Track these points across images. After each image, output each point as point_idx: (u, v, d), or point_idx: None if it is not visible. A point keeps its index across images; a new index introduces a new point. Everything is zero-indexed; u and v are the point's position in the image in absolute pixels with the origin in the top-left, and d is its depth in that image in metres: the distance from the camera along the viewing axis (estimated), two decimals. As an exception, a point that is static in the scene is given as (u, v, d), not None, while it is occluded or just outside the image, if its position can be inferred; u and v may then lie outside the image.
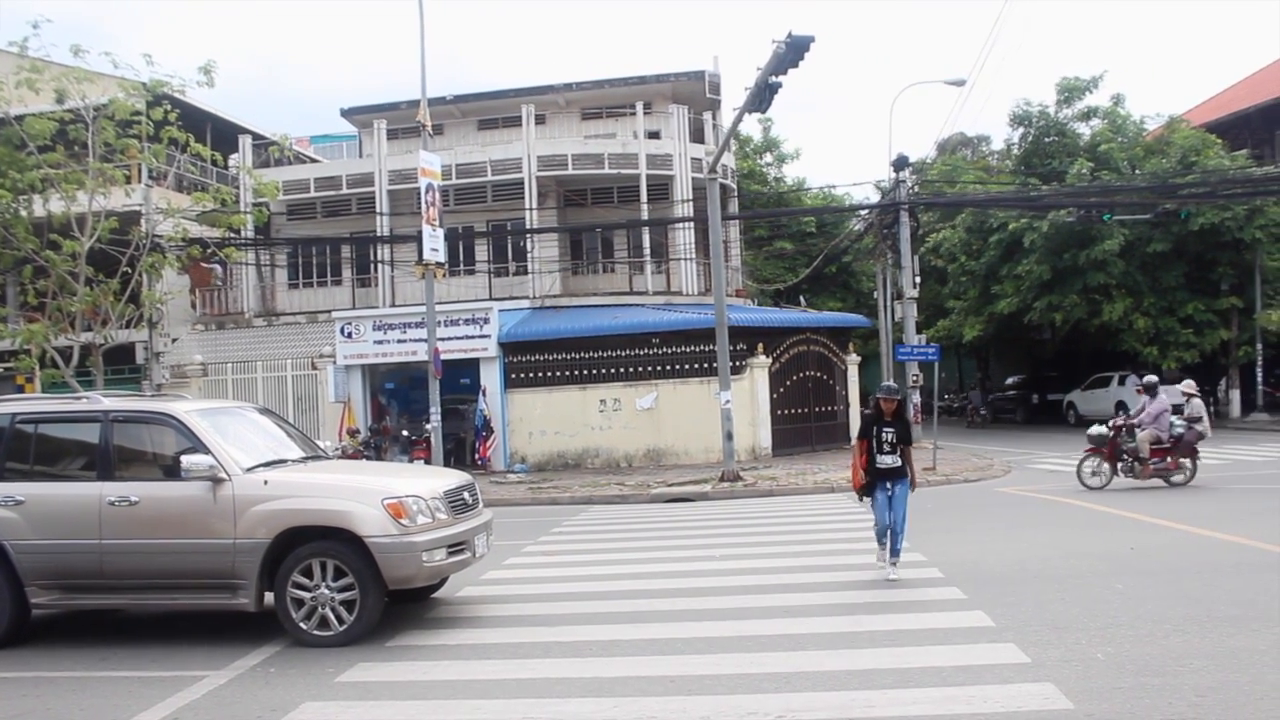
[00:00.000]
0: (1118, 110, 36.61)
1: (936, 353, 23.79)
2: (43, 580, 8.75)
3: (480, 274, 31.13)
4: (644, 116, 31.65)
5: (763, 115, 43.02)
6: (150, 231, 22.19)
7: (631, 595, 9.92)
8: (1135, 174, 33.77)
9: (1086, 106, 37.05)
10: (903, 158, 30.42)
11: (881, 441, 10.26)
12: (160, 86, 20.76)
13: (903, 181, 30.37)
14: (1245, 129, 38.72)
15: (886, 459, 10.27)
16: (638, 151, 30.22)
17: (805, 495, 19.14)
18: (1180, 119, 36.36)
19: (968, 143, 47.39)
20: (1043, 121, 37.15)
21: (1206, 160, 32.61)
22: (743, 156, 44.36)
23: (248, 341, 30.19)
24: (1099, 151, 34.33)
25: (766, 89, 18.32)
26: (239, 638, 8.75)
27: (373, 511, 8.43)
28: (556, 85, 33.30)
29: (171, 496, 8.66)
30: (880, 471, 10.30)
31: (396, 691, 7.10)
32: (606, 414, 26.48)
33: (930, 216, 37.80)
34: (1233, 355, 33.69)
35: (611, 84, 33.39)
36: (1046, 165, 36.05)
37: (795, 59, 17.55)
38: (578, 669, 7.39)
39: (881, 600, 9.12)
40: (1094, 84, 36.59)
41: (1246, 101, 40.04)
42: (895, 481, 10.29)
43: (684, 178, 30.52)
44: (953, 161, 41.61)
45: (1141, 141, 35.57)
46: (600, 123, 33.69)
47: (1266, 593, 8.80)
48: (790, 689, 6.65)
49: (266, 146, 29.33)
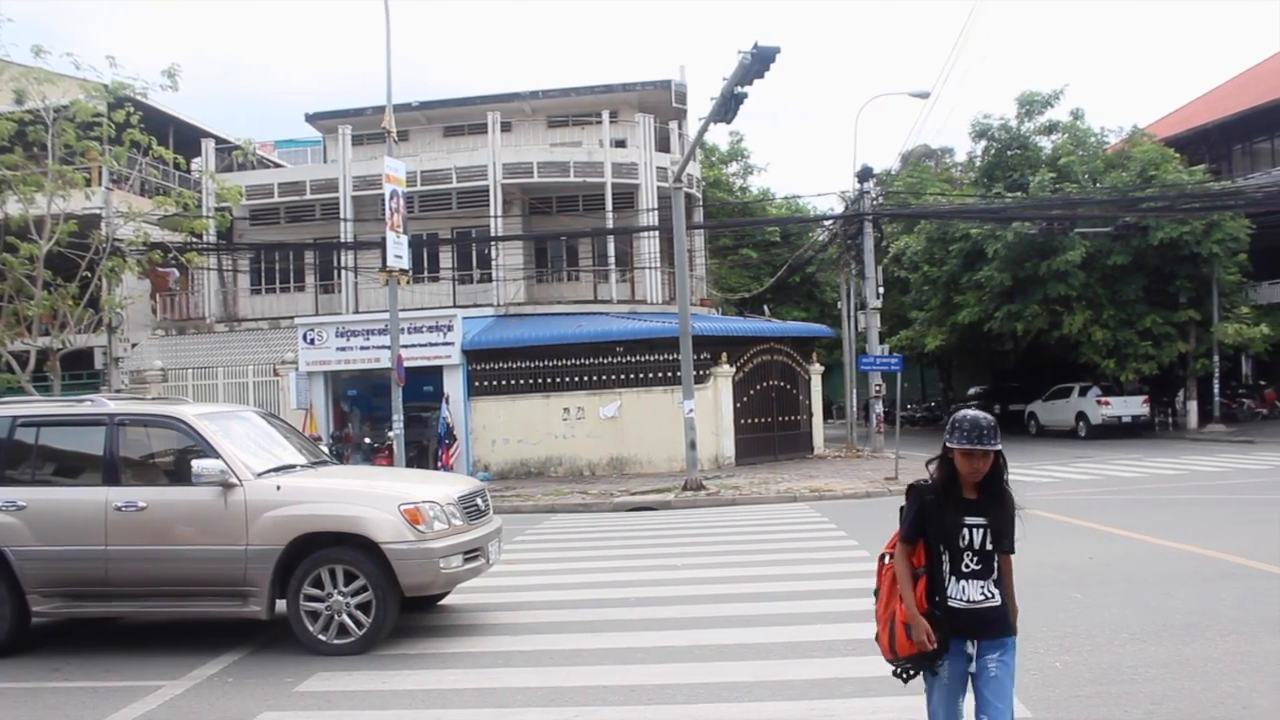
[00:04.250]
0: (1078, 124, 36.97)
1: (899, 363, 23.93)
2: (45, 588, 8.55)
3: (445, 281, 31.03)
4: (610, 125, 31.65)
5: (729, 125, 43.22)
6: (110, 235, 21.92)
7: (593, 604, 9.89)
8: (1095, 187, 34.09)
9: (1048, 120, 37.40)
10: (867, 169, 30.62)
11: (958, 549, 4.52)
12: (123, 89, 20.54)
13: (867, 192, 30.58)
14: (1204, 144, 39.24)
15: (972, 589, 4.52)
16: (603, 160, 30.24)
17: (768, 504, 19.13)
18: (1142, 132, 36.77)
19: (932, 154, 47.73)
20: (1004, 135, 37.47)
21: (1165, 174, 32.99)
22: (708, 165, 44.48)
23: (209, 347, 29.92)
24: (1060, 164, 34.62)
25: (732, 99, 18.37)
26: (197, 646, 8.63)
27: (389, 517, 8.31)
28: (523, 93, 33.27)
29: (181, 502, 8.49)
30: (959, 618, 4.51)
31: (356, 701, 7.04)
32: (570, 422, 26.41)
33: (894, 226, 38.07)
34: (1190, 367, 34.04)
35: (578, 92, 33.39)
36: (1009, 178, 36.34)
37: (761, 69, 17.63)
38: (538, 678, 7.35)
39: (842, 609, 9.10)
40: (1055, 98, 36.95)
41: (1205, 117, 40.56)
42: (988, 639, 4.52)
43: (649, 187, 30.55)
44: (917, 173, 41.88)
45: (1102, 155, 35.93)
46: (566, 131, 33.67)
47: (1221, 602, 8.88)
48: (751, 698, 6.66)
49: (230, 151, 29.06)
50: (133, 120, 20.15)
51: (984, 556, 4.49)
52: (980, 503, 4.50)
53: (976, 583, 4.51)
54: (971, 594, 4.50)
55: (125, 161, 21.73)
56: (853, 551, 12.59)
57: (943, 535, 4.50)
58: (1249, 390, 37.38)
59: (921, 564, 4.57)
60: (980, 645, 4.52)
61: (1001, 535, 4.50)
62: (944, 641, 4.49)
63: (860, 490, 20.12)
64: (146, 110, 22.07)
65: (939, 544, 4.52)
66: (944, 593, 4.52)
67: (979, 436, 4.37)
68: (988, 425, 4.39)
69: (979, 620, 4.52)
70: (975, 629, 4.51)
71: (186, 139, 30.96)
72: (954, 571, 4.52)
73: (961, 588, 4.51)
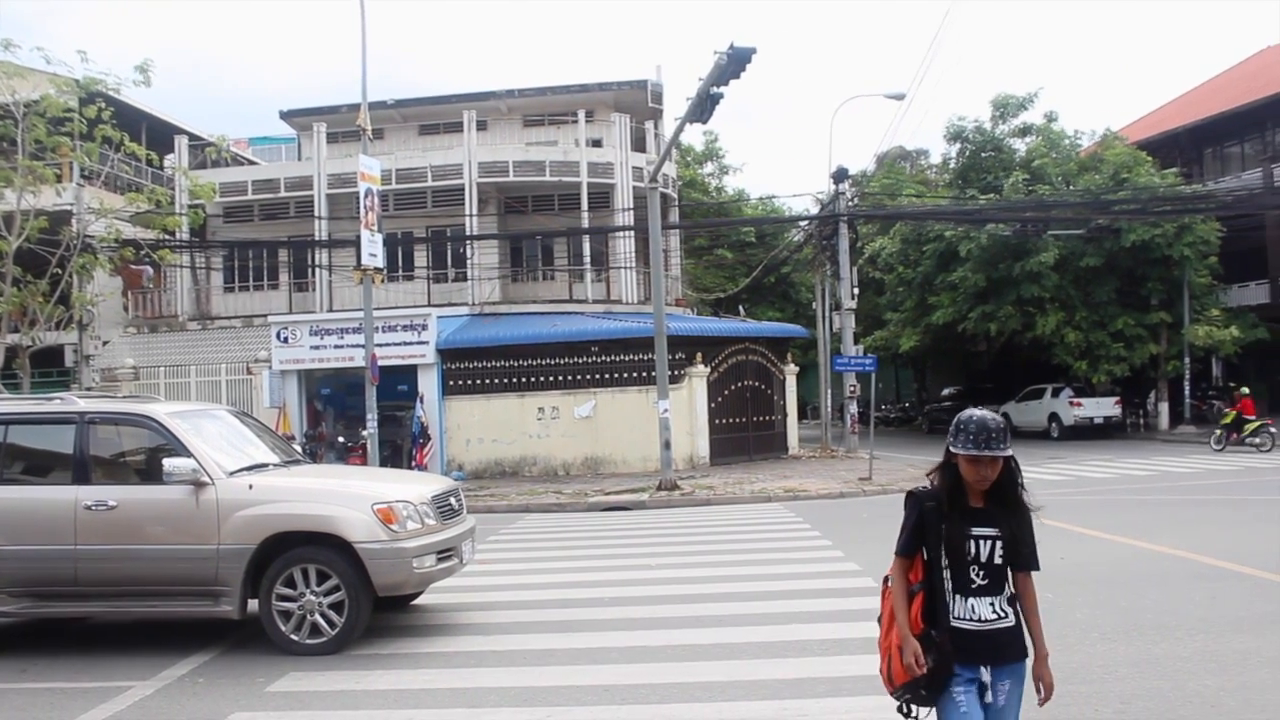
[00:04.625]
0: (1052, 127, 37.25)
1: (873, 363, 24.03)
2: (12, 588, 8.43)
3: (419, 280, 30.92)
4: (586, 125, 31.60)
5: (705, 125, 43.28)
6: (81, 232, 21.76)
7: (566, 604, 9.87)
8: (1069, 189, 34.32)
9: (1022, 123, 37.69)
10: (842, 170, 30.70)
11: (964, 562, 4.01)
12: (94, 84, 20.37)
13: (842, 193, 30.64)
14: (1175, 148, 39.55)
15: (982, 606, 4.00)
16: (579, 160, 30.21)
17: (742, 505, 19.15)
18: (1115, 135, 37.10)
19: (907, 156, 47.91)
20: (979, 137, 37.72)
21: (1137, 177, 33.31)
22: (684, 165, 44.50)
23: (181, 345, 29.72)
24: (1034, 167, 34.87)
25: (708, 99, 18.40)
26: (167, 647, 8.56)
27: (362, 517, 8.28)
28: (499, 91, 33.23)
29: (152, 501, 8.41)
30: (967, 640, 3.97)
31: (328, 701, 7.00)
32: (545, 422, 26.35)
33: (869, 228, 38.17)
34: (1161, 369, 34.31)
35: (554, 91, 33.37)
36: (983, 179, 36.55)
37: (737, 70, 17.66)
38: (511, 678, 7.33)
39: (816, 609, 9.12)
40: (1029, 101, 37.23)
41: (1176, 122, 40.91)
42: (1001, 665, 4.02)
43: (625, 186, 30.54)
44: (892, 174, 42.04)
45: (1075, 157, 36.21)
46: (542, 130, 33.66)
47: (1190, 601, 8.95)
48: (724, 697, 6.65)
49: (203, 147, 28.91)
50: (104, 116, 19.99)
51: (993, 571, 3.96)
52: (990, 511, 3.98)
53: (985, 600, 3.96)
54: (982, 612, 3.95)
55: (97, 157, 21.56)
56: (827, 552, 12.60)
57: (946, 547, 3.95)
58: (1219, 392, 37.64)
59: (919, 579, 4.06)
60: (993, 672, 3.96)
61: (1018, 548, 3.97)
62: (942, 667, 3.91)
63: (834, 490, 20.17)
64: (119, 106, 21.90)
65: (941, 557, 3.97)
66: (946, 612, 3.95)
67: (987, 440, 3.86)
68: (996, 427, 3.88)
69: (991, 643, 3.94)
70: (987, 653, 3.94)
71: (159, 135, 30.77)
72: (959, 588, 3.96)
73: (970, 606, 3.95)
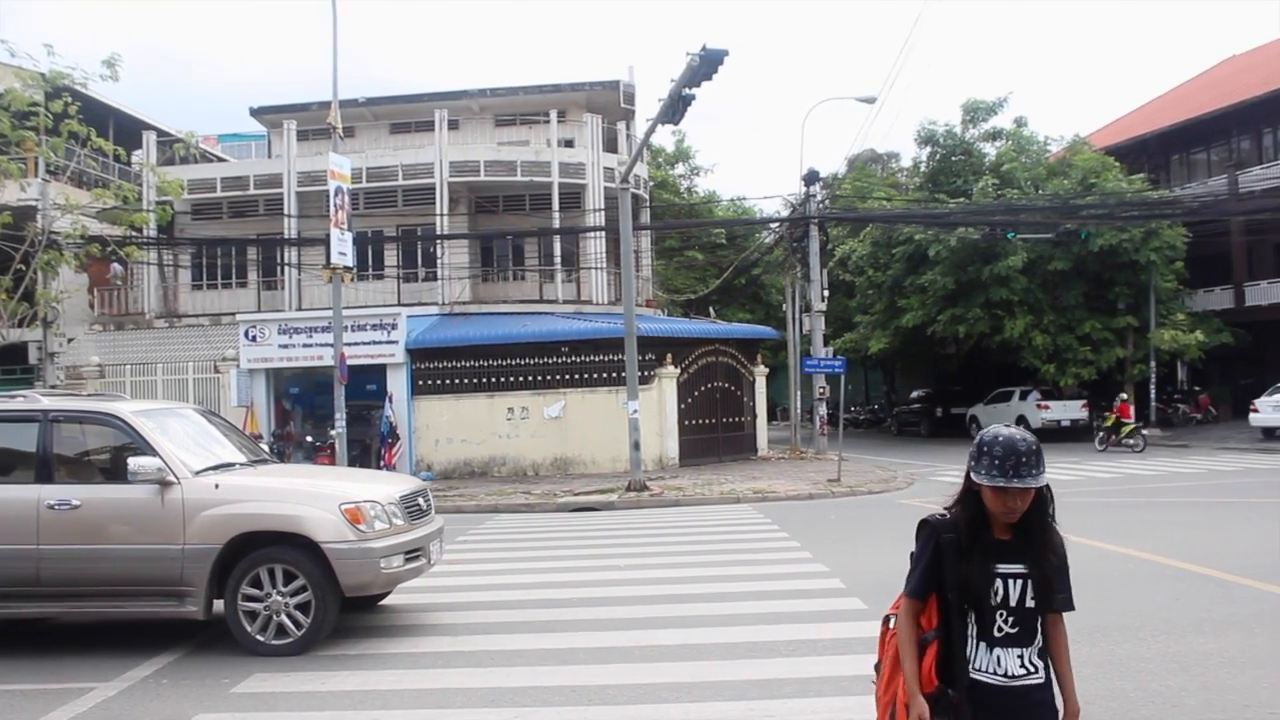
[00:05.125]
0: (1021, 132, 37.51)
1: (843, 365, 24.15)
2: None
3: (389, 279, 30.83)
4: (558, 125, 31.61)
5: (676, 126, 43.40)
6: (46, 227, 21.52)
7: (534, 605, 9.85)
8: (1038, 193, 34.56)
9: (992, 128, 38.00)
10: (813, 172, 30.83)
11: (989, 607, 3.40)
12: (61, 78, 20.12)
13: (813, 196, 30.75)
14: (1143, 154, 39.97)
15: (1009, 659, 3.39)
16: (551, 160, 30.17)
17: (711, 505, 19.17)
18: (1083, 140, 37.43)
19: (878, 159, 48.16)
20: (949, 141, 37.98)
21: (1105, 183, 33.62)
22: (655, 166, 44.56)
23: (148, 343, 29.50)
24: (1003, 171, 35.12)
25: (680, 101, 18.42)
26: (131, 647, 8.47)
27: (329, 517, 8.23)
28: (471, 91, 33.17)
29: (116, 500, 8.33)
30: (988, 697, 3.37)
31: (293, 702, 6.96)
32: (514, 422, 26.31)
33: (840, 230, 38.36)
34: (1128, 373, 34.59)
35: (526, 91, 33.35)
36: (953, 183, 36.78)
37: (709, 72, 17.69)
38: (479, 679, 7.31)
39: (784, 610, 9.14)
40: (998, 106, 37.53)
41: (1144, 128, 41.34)
42: None
43: (596, 187, 30.53)
44: (863, 177, 42.22)
45: (1044, 162, 36.47)
46: (514, 130, 33.62)
47: (1153, 603, 9.03)
48: (691, 698, 6.65)
49: (172, 143, 28.68)
50: (71, 110, 19.75)
51: (1023, 617, 3.36)
52: (1017, 545, 3.38)
53: (1013, 651, 3.35)
54: (1009, 666, 3.35)
55: (63, 152, 21.33)
56: (795, 553, 12.63)
57: (967, 588, 3.34)
58: (1184, 395, 38.06)
59: (933, 626, 3.44)
60: None
61: (1050, 588, 3.38)
62: None
63: (803, 492, 20.22)
64: (85, 101, 21.67)
65: (961, 600, 3.37)
66: (964, 666, 3.36)
67: (1016, 468, 3.23)
68: (1028, 451, 3.24)
69: (1017, 703, 3.34)
70: (1012, 715, 3.34)
71: (127, 131, 30.51)
72: (983, 636, 3.37)
73: (995, 658, 3.36)
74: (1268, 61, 40.19)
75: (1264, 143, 37.36)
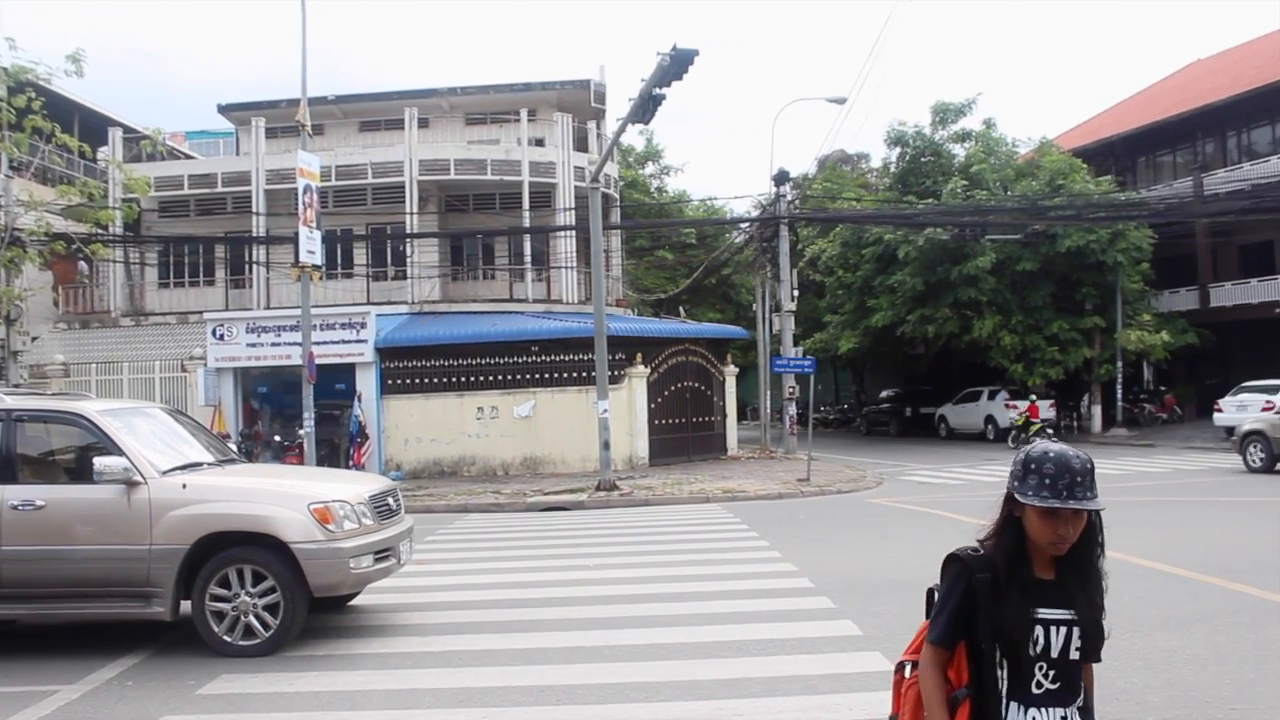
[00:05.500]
0: (990, 133, 37.72)
1: (812, 365, 24.23)
2: None
3: (358, 278, 30.71)
4: (528, 123, 31.54)
5: (646, 126, 43.45)
6: (10, 225, 21.31)
7: (504, 605, 9.85)
8: (1006, 195, 34.77)
9: (961, 129, 38.18)
10: (783, 172, 30.92)
11: (1027, 658, 2.87)
12: (24, 73, 19.93)
13: (783, 196, 30.85)
14: (1110, 156, 40.29)
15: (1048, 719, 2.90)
16: (521, 159, 30.11)
17: (681, 505, 19.20)
18: (1051, 142, 37.70)
19: (848, 159, 48.38)
20: (918, 142, 38.16)
21: (1073, 184, 33.88)
22: (625, 166, 44.56)
23: (114, 341, 29.25)
24: (972, 172, 35.29)
25: (650, 100, 18.44)
26: (96, 649, 8.41)
27: (298, 516, 8.19)
28: (441, 89, 33.05)
29: (82, 500, 8.25)
30: None
31: (260, 704, 6.93)
32: (484, 421, 26.27)
33: (809, 230, 38.49)
34: (1095, 373, 34.91)
35: (497, 89, 33.26)
36: (922, 184, 36.99)
37: (679, 71, 17.73)
38: (447, 679, 7.31)
39: (752, 610, 9.17)
40: (968, 107, 37.72)
41: (1111, 130, 41.67)
42: None
43: (567, 186, 30.50)
44: (833, 177, 42.37)
45: (1013, 164, 36.68)
46: (484, 128, 33.53)
47: (1120, 601, 9.07)
48: (659, 698, 6.68)
49: (138, 140, 28.48)
50: (34, 106, 19.56)
51: (1065, 669, 2.89)
52: (1063, 586, 2.90)
53: (1054, 711, 2.89)
54: None
55: (26, 148, 21.12)
56: (764, 552, 12.68)
57: (1003, 636, 2.86)
58: (1150, 395, 38.40)
59: (965, 682, 2.94)
60: None
61: (1099, 635, 2.93)
62: None
63: (773, 491, 20.29)
64: (50, 96, 21.47)
65: (996, 650, 2.88)
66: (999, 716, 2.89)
67: (1071, 486, 2.82)
68: (1082, 469, 2.86)
69: None
70: None
71: (92, 127, 30.25)
72: (1017, 693, 2.89)
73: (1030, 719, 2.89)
74: (1233, 66, 40.63)
75: (1228, 146, 37.74)
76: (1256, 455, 21.75)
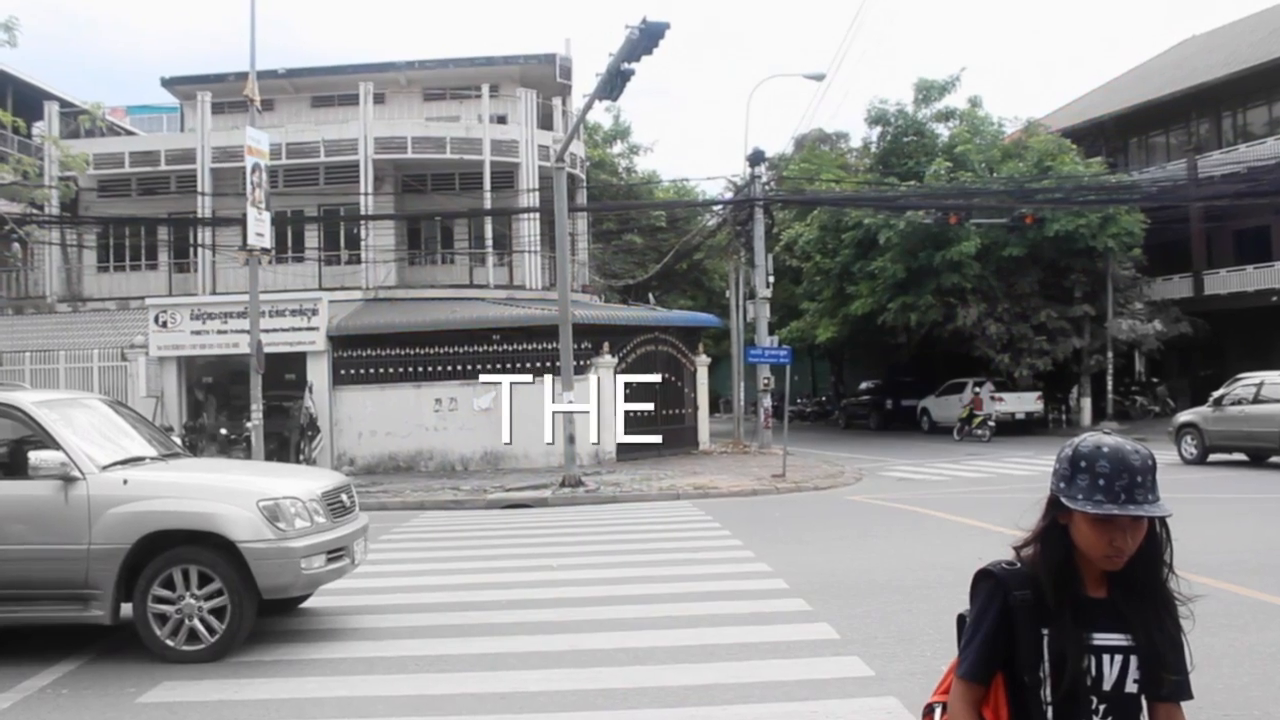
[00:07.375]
0: (975, 112, 37.85)
1: (788, 355, 24.30)
2: None
3: (310, 262, 30.59)
4: (490, 100, 31.48)
5: (614, 103, 43.37)
6: (-62, 205, 21.17)
7: (462, 608, 9.85)
8: (992, 176, 34.90)
9: (945, 107, 38.28)
10: (759, 152, 30.95)
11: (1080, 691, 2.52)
12: (-48, 45, 19.82)
13: (758, 177, 30.88)
14: (1100, 136, 40.48)
15: None
16: (482, 136, 30.05)
17: (650, 502, 19.26)
18: (1038, 123, 37.90)
19: (826, 139, 48.36)
20: (900, 121, 38.29)
21: (1062, 166, 34.00)
22: (592, 145, 44.49)
23: (49, 329, 29.00)
24: (957, 153, 35.37)
25: (619, 76, 18.40)
26: (28, 655, 8.35)
27: (246, 514, 8.14)
28: (398, 63, 32.96)
29: (15, 497, 8.19)
30: None
31: (204, 712, 6.91)
32: (442, 414, 26.19)
33: (786, 214, 38.48)
34: (1084, 363, 35.07)
35: (457, 64, 33.21)
36: (904, 165, 37.07)
37: (649, 45, 17.67)
38: (403, 686, 7.33)
39: (725, 613, 9.22)
40: (952, 85, 37.79)
41: (1101, 110, 41.88)
42: None
43: (530, 166, 30.45)
44: (811, 158, 42.42)
45: (999, 144, 36.81)
46: (443, 104, 33.44)
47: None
48: (628, 705, 6.71)
49: (76, 115, 28.26)
50: (-36, 79, 19.45)
51: (1122, 706, 2.56)
52: (1117, 607, 2.57)
53: None
54: None
55: (-44, 124, 20.97)
56: (737, 552, 12.73)
57: (1049, 667, 2.53)
58: (1142, 387, 38.68)
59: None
60: None
61: (1163, 666, 2.54)
62: None
63: (746, 488, 20.36)
64: (-19, 69, 21.32)
65: (1039, 683, 2.53)
66: None
67: (1130, 490, 2.43)
68: (1143, 467, 2.45)
69: None
70: None
71: (27, 101, 30.02)
72: None
73: None
74: (1228, 42, 40.93)
75: (1223, 126, 38.08)
76: (1190, 447, 22.92)
